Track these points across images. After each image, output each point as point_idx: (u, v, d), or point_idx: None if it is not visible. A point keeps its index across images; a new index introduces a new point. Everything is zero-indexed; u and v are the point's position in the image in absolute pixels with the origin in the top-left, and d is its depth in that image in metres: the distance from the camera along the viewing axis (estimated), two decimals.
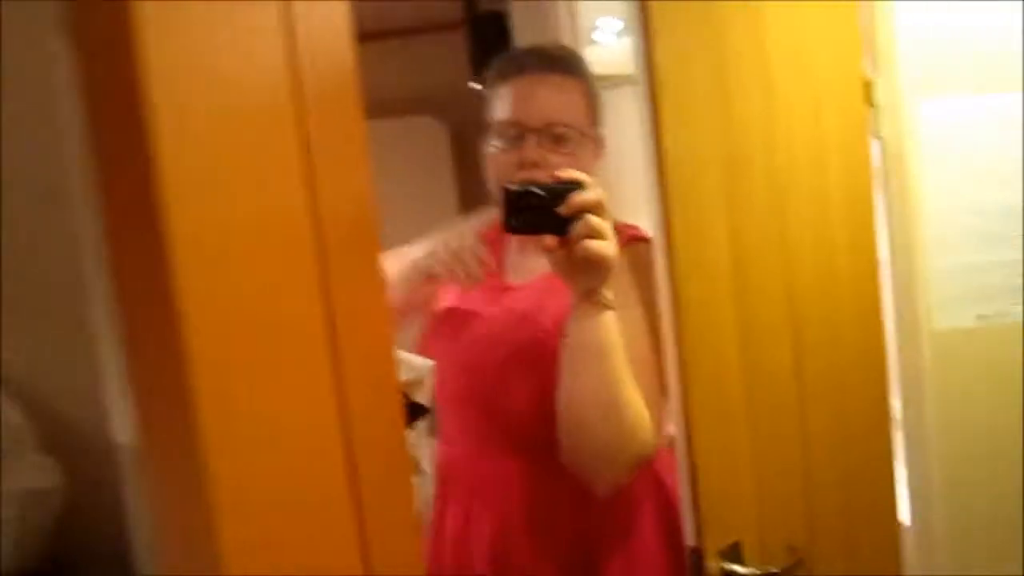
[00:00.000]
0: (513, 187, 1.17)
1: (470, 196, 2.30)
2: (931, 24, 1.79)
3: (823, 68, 1.83)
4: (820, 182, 1.81)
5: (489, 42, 2.34)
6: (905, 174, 1.87)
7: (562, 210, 1.15)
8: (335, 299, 0.56)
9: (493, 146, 1.40)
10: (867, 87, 1.86)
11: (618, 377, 1.20)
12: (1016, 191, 1.76)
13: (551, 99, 1.36)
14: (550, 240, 1.17)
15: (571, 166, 1.30)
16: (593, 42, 2.58)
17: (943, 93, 1.81)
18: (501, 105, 1.38)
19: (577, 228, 1.15)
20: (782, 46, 1.77)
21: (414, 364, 1.31)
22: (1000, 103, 1.76)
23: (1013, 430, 1.84)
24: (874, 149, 1.89)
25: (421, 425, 1.34)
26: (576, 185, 1.17)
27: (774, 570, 1.39)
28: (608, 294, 1.20)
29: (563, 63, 1.45)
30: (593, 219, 1.16)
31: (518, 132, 1.37)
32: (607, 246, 1.17)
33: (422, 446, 1.38)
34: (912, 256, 1.88)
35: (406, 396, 1.34)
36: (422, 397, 1.34)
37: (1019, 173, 1.76)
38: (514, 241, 1.49)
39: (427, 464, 1.40)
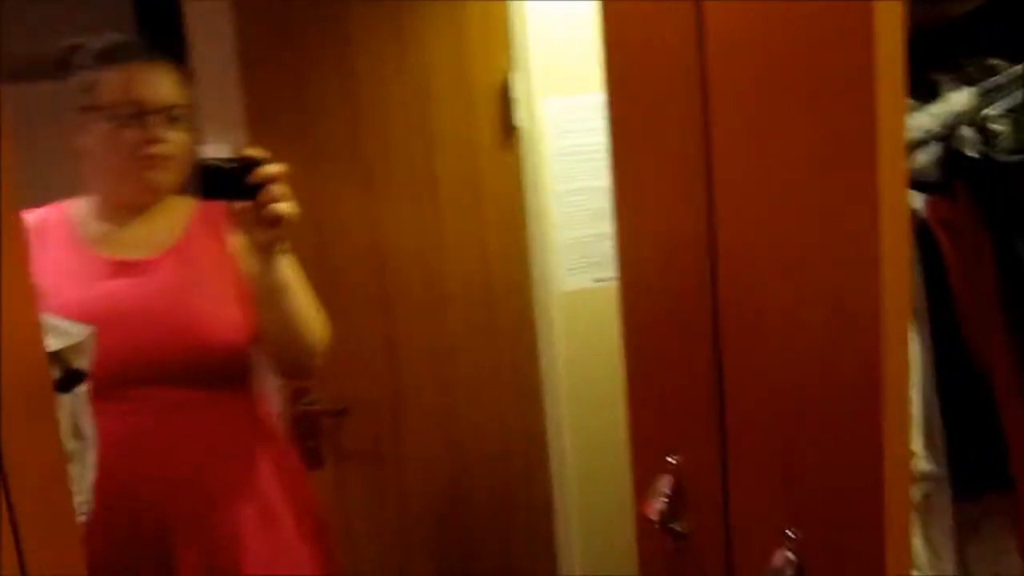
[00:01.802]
0: (210, 162, 1.37)
1: None
2: (556, 28, 2.10)
3: (478, 65, 2.10)
4: (473, 172, 2.09)
5: (157, 15, 2.30)
6: (538, 161, 2.17)
7: (251, 180, 1.35)
8: None
9: (107, 124, 1.48)
10: (505, 82, 2.14)
11: (303, 300, 1.50)
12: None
13: (167, 83, 1.52)
14: (241, 204, 1.37)
15: (183, 141, 1.54)
16: None
17: (563, 91, 2.12)
18: (113, 87, 1.49)
19: (264, 194, 1.35)
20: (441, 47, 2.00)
21: (70, 330, 1.32)
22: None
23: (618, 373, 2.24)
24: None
25: (81, 390, 1.35)
26: (260, 161, 1.35)
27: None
28: (285, 243, 1.42)
29: (161, 51, 1.59)
30: (277, 186, 1.36)
31: (138, 111, 1.48)
32: (289, 206, 1.38)
33: (84, 412, 1.38)
34: (545, 230, 2.20)
35: (64, 362, 1.36)
36: (81, 363, 1.35)
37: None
38: (85, 217, 1.56)
39: (89, 429, 1.40)
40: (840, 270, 0.84)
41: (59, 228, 1.56)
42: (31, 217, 1.55)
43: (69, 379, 1.34)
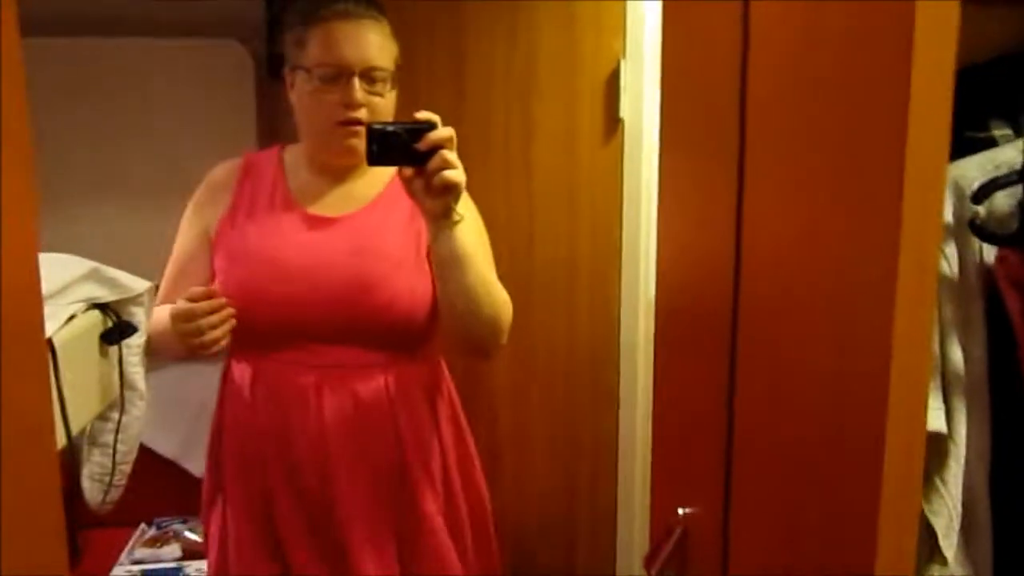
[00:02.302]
0: (377, 126, 1.32)
1: (272, 125, 2.31)
2: None
3: (588, 52, 2.02)
4: (571, 163, 2.01)
5: None
6: (639, 155, 2.06)
7: (420, 146, 1.30)
8: None
9: (310, 84, 1.46)
10: (614, 72, 2.03)
11: (482, 272, 1.43)
12: None
13: (372, 44, 1.46)
14: (408, 171, 1.32)
15: (386, 105, 1.48)
16: None
17: None
18: (321, 46, 1.45)
19: (434, 161, 1.30)
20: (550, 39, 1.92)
21: (127, 284, 1.35)
22: None
23: None
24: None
25: (134, 342, 1.37)
26: (430, 125, 1.30)
27: None
28: (458, 211, 1.35)
29: (374, 6, 1.51)
30: (446, 152, 1.30)
31: (339, 73, 1.44)
32: (458, 174, 1.31)
33: (134, 363, 1.41)
34: (639, 230, 2.09)
35: (116, 314, 1.40)
36: (135, 316, 1.38)
37: None
38: (296, 166, 1.54)
39: (140, 381, 1.42)
40: (855, 324, 0.73)
41: (268, 175, 1.56)
42: (244, 158, 1.58)
43: (118, 331, 1.39)
